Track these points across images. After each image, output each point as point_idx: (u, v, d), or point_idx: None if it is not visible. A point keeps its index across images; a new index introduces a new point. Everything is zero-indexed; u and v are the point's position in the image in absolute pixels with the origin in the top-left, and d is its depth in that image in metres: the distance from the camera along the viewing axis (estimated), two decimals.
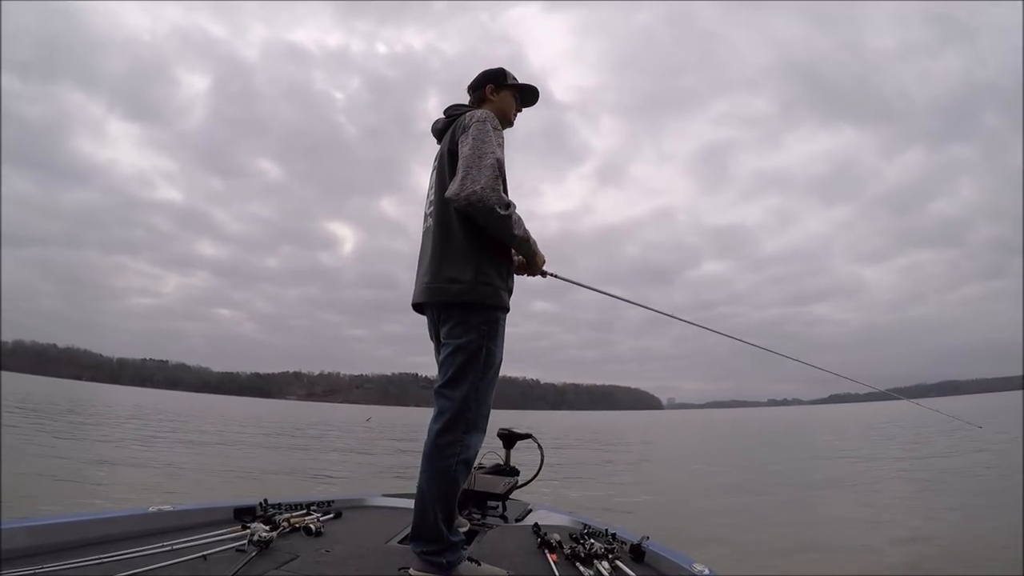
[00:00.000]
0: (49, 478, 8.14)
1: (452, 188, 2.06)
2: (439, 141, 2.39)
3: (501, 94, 2.46)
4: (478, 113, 2.22)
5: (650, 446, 24.94)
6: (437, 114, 2.49)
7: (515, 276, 2.43)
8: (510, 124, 2.51)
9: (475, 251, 2.13)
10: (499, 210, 2.02)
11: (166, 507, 2.41)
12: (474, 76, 2.51)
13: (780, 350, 3.78)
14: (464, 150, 2.10)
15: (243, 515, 2.57)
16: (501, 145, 2.18)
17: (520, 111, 2.56)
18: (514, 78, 2.49)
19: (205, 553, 1.97)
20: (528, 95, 2.55)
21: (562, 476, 11.81)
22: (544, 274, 2.45)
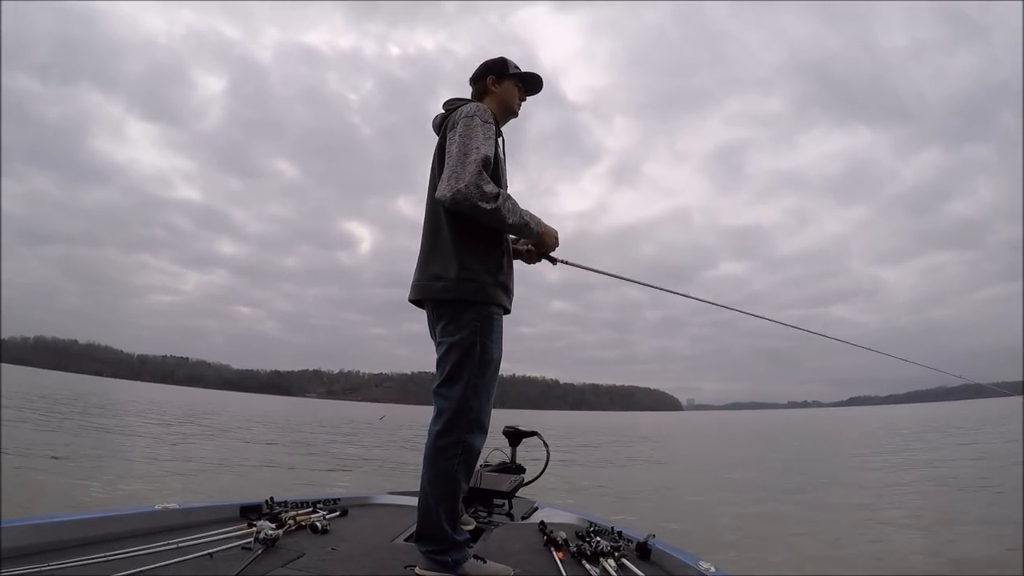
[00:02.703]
0: (57, 476, 8.23)
1: (439, 189, 2.05)
2: (438, 135, 2.34)
3: (503, 85, 2.41)
4: (468, 108, 2.18)
5: (663, 446, 24.80)
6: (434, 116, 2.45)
7: (532, 264, 2.43)
8: (514, 114, 2.46)
9: (459, 247, 2.11)
10: (484, 205, 1.99)
11: (172, 505, 2.43)
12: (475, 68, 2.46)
13: (815, 342, 3.72)
14: (451, 148, 2.08)
15: (249, 513, 2.58)
16: (491, 138, 2.14)
17: (524, 100, 2.49)
18: (516, 67, 2.43)
19: (211, 551, 1.98)
20: (531, 84, 2.48)
21: (570, 475, 11.79)
22: (554, 261, 2.40)
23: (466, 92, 2.46)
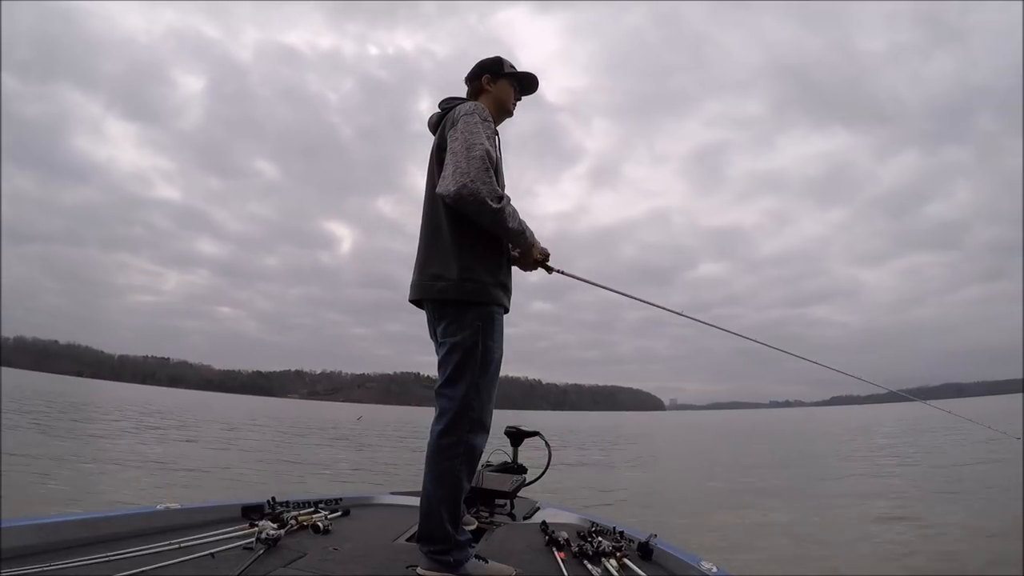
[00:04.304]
0: (56, 476, 8.14)
1: (441, 184, 2.03)
2: (435, 135, 2.31)
3: (498, 84, 2.40)
4: (466, 106, 2.18)
5: (655, 446, 24.90)
6: (430, 115, 2.44)
7: (516, 270, 2.40)
8: (509, 114, 2.46)
9: (460, 247, 2.10)
10: (491, 203, 1.98)
11: (174, 505, 2.40)
12: (469, 69, 2.45)
13: (789, 351, 3.73)
14: (453, 145, 2.06)
15: (251, 513, 2.57)
16: (491, 137, 2.14)
17: (519, 100, 2.49)
18: (511, 66, 2.43)
19: (213, 551, 1.97)
20: (526, 83, 2.48)
21: (570, 475, 11.80)
22: (550, 270, 2.39)
23: (447, 92, 2.45)
